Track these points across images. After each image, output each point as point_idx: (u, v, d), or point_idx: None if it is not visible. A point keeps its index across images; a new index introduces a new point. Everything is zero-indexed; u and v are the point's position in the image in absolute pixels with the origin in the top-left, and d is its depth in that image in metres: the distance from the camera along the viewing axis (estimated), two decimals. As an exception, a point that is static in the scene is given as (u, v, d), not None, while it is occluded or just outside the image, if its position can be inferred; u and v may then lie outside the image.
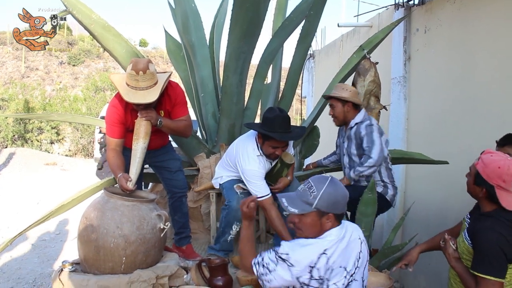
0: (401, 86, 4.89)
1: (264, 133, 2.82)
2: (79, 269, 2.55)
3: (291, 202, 1.77)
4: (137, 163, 2.69)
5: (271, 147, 2.86)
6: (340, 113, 3.32)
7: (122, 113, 2.74)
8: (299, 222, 1.77)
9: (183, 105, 2.91)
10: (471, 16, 3.82)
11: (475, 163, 2.02)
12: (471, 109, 3.79)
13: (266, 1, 2.99)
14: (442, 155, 3.70)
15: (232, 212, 2.99)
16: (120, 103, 2.74)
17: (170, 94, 2.83)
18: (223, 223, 3.07)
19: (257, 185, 2.89)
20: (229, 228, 3.04)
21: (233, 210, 2.98)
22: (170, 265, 2.52)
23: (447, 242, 2.14)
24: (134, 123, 2.72)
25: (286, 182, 3.12)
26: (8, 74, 23.91)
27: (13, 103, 17.79)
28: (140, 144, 2.68)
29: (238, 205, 2.94)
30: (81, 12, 3.14)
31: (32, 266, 5.53)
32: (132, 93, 2.55)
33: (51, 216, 3.31)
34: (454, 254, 2.09)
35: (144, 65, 2.55)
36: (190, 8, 3.81)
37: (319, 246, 1.71)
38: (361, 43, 4.09)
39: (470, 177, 2.06)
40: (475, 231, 1.97)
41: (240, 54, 3.25)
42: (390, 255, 2.60)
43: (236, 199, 3.00)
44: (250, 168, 2.91)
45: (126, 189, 2.59)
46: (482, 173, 1.96)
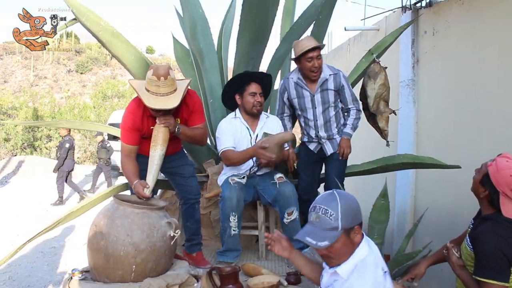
0: (409, 89, 4.85)
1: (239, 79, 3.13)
2: (88, 277, 2.52)
3: (317, 237, 1.61)
4: (154, 170, 2.67)
5: (250, 95, 3.11)
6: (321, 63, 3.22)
7: (139, 120, 2.71)
8: (329, 251, 1.63)
9: (200, 113, 2.90)
10: (480, 17, 3.79)
11: (488, 163, 1.97)
12: (482, 111, 3.74)
13: (275, 6, 2.98)
14: (452, 159, 3.65)
15: (226, 202, 2.97)
16: (137, 109, 2.71)
17: (187, 102, 2.81)
18: (222, 218, 3.05)
19: (221, 139, 3.17)
20: (228, 221, 3.00)
21: (227, 199, 2.97)
22: (181, 273, 2.49)
23: (450, 250, 2.10)
24: (150, 130, 2.70)
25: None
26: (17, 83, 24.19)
27: (22, 111, 17.96)
28: (158, 151, 2.65)
29: (230, 194, 2.97)
30: (90, 20, 3.15)
31: (42, 273, 5.53)
32: (153, 98, 2.53)
33: (60, 223, 3.32)
34: (458, 262, 2.06)
35: (165, 70, 2.52)
36: (198, 14, 3.80)
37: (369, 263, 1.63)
38: (368, 46, 4.06)
39: (479, 174, 2.01)
40: (475, 235, 1.93)
41: (249, 60, 3.24)
42: (404, 263, 2.55)
43: (228, 188, 3.00)
44: (220, 125, 3.24)
45: (143, 196, 2.57)
46: (491, 176, 1.91)
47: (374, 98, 3.45)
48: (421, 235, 4.49)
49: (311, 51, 3.06)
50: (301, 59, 3.10)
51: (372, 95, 3.45)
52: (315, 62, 3.09)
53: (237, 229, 3.03)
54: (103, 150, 11.46)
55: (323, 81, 3.22)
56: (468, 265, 2.00)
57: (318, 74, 3.16)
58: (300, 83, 3.22)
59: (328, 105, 3.28)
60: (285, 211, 3.03)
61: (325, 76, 3.22)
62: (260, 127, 3.24)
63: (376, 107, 3.48)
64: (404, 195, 4.88)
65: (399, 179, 4.98)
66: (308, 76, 3.16)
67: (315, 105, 3.26)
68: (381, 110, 3.48)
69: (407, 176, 4.84)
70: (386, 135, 3.51)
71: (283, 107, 3.39)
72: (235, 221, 3.00)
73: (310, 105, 3.25)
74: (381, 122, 3.50)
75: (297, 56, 3.10)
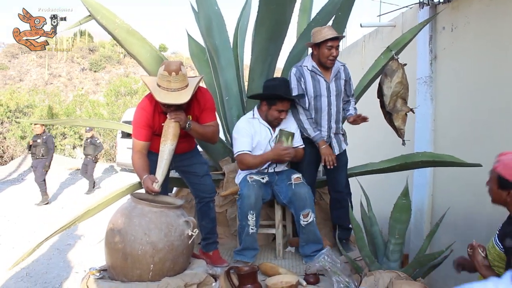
0: (427, 86, 4.77)
1: (269, 96, 3.05)
2: (106, 276, 2.52)
3: None
4: (164, 164, 2.64)
5: (276, 111, 3.06)
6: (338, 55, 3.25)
7: (150, 116, 2.71)
8: None
9: (211, 110, 2.89)
10: (501, 12, 3.70)
11: (494, 167, 1.93)
12: (502, 108, 3.66)
13: (292, 3, 2.94)
14: (470, 157, 3.58)
15: (245, 200, 2.95)
16: (149, 105, 2.72)
17: (199, 99, 2.80)
18: (240, 216, 3.04)
19: (239, 140, 3.11)
20: (246, 220, 2.97)
21: (245, 197, 2.95)
22: (198, 272, 2.47)
23: (475, 250, 2.02)
24: (161, 127, 2.68)
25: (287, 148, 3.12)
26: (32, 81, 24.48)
27: (37, 109, 18.15)
28: (168, 146, 2.63)
29: (248, 192, 2.95)
30: (105, 18, 3.14)
31: (58, 270, 5.58)
32: (164, 93, 2.53)
33: (77, 221, 3.34)
34: (483, 261, 1.99)
35: (177, 66, 2.53)
36: (214, 11, 3.77)
37: None
38: (385, 43, 4.00)
39: (492, 183, 1.96)
40: (506, 235, 1.88)
41: (267, 57, 3.20)
42: (426, 263, 2.50)
43: (247, 186, 2.98)
44: (238, 125, 3.17)
45: (152, 190, 2.54)
46: (504, 174, 1.87)
47: (390, 96, 3.38)
48: (437, 234, 4.40)
49: (332, 40, 3.08)
50: (321, 45, 3.10)
51: (388, 94, 3.39)
52: (333, 51, 3.12)
53: (255, 227, 3.01)
54: (91, 146, 11.09)
55: (337, 71, 3.28)
56: (496, 265, 1.94)
57: (333, 63, 3.20)
58: (315, 71, 3.20)
59: (341, 94, 3.33)
60: (300, 212, 2.99)
61: (338, 66, 3.28)
62: (280, 126, 3.19)
63: (393, 106, 3.42)
64: (422, 194, 4.81)
65: (417, 178, 4.91)
66: (324, 63, 3.17)
67: (330, 93, 3.25)
68: (398, 109, 3.41)
69: (425, 174, 4.77)
70: (402, 134, 3.45)
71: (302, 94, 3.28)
72: (253, 219, 2.97)
73: (325, 92, 3.23)
74: (397, 121, 3.43)
75: (317, 42, 3.09)
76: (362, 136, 6.20)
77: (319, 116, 3.25)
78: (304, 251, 3.08)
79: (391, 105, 3.41)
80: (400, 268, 2.51)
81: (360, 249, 2.57)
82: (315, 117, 3.26)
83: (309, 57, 3.25)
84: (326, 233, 3.71)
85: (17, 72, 25.39)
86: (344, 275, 2.50)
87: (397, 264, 2.54)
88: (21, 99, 18.46)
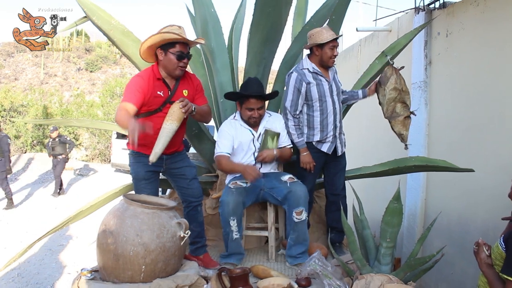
0: (422, 91, 4.80)
1: (238, 94, 3.14)
2: (97, 277, 2.51)
3: None
4: (164, 140, 2.61)
5: (247, 110, 3.12)
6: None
7: (146, 82, 2.71)
8: None
9: (203, 93, 3.04)
10: (495, 18, 3.73)
11: None
12: (495, 114, 3.69)
13: (288, 6, 2.95)
14: (464, 162, 3.60)
15: (225, 207, 2.96)
16: (145, 72, 2.76)
17: (191, 76, 2.95)
18: (222, 223, 3.04)
19: (218, 142, 3.20)
20: (229, 226, 2.98)
21: (225, 204, 2.96)
22: (190, 274, 2.47)
23: (480, 247, 2.07)
24: (156, 96, 2.72)
25: (270, 152, 3.17)
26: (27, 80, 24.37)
27: (32, 109, 18.08)
28: (173, 126, 2.61)
29: (227, 198, 2.95)
30: (101, 18, 3.14)
31: (50, 271, 5.56)
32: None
33: (70, 221, 3.32)
34: (486, 259, 2.03)
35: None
36: (210, 14, 3.78)
37: None
38: (380, 47, 4.01)
39: None
40: (508, 235, 1.91)
41: (261, 60, 3.21)
42: (417, 267, 2.51)
43: (226, 193, 3.00)
44: (221, 127, 3.26)
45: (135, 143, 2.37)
46: None
47: (386, 104, 3.39)
48: (430, 238, 4.44)
49: (334, 40, 3.15)
50: (324, 46, 3.15)
51: (384, 101, 3.40)
52: (335, 51, 3.19)
53: (239, 233, 3.03)
54: (61, 146, 10.67)
55: (333, 72, 3.37)
56: (497, 264, 1.97)
57: (334, 61, 3.28)
58: (317, 72, 3.23)
59: (340, 93, 3.42)
60: (293, 210, 2.99)
61: (333, 67, 3.37)
62: (263, 126, 3.24)
63: (391, 112, 3.42)
64: (415, 198, 4.83)
65: (410, 182, 4.93)
66: (326, 63, 3.22)
67: (332, 93, 3.29)
68: (397, 114, 3.42)
69: (418, 178, 4.79)
70: (403, 139, 3.45)
71: (297, 102, 3.24)
72: (235, 225, 2.98)
73: (328, 92, 3.26)
74: (396, 126, 3.43)
75: (321, 43, 3.13)
76: (356, 139, 6.23)
77: (326, 117, 3.27)
78: (291, 252, 3.07)
79: (389, 112, 3.42)
80: (391, 272, 2.51)
81: (352, 253, 2.57)
82: (321, 118, 3.27)
83: (307, 59, 3.26)
84: (319, 236, 3.72)
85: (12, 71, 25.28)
86: (335, 278, 2.51)
87: (389, 267, 2.54)
88: (15, 98, 18.39)
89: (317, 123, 3.27)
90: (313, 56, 3.23)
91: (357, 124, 6.22)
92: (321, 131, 3.28)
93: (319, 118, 3.26)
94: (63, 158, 10.72)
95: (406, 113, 3.37)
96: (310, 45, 3.22)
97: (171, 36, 2.66)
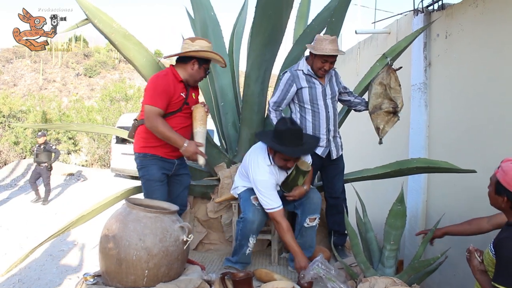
0: (421, 93, 4.79)
1: (273, 147, 2.81)
2: (100, 282, 2.50)
3: None
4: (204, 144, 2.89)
5: (282, 159, 2.83)
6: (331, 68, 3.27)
7: (171, 83, 2.83)
8: None
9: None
10: (494, 20, 3.73)
11: (495, 172, 1.98)
12: (495, 115, 3.68)
13: (289, 9, 2.95)
14: (464, 163, 3.60)
15: (248, 225, 2.92)
16: (169, 73, 2.86)
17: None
18: (239, 236, 2.99)
19: (268, 196, 2.83)
20: (246, 241, 2.96)
21: (249, 222, 2.91)
22: (193, 278, 2.46)
23: (472, 254, 2.08)
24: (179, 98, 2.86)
25: (301, 191, 2.99)
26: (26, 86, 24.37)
27: (31, 114, 18.06)
28: (205, 129, 2.91)
29: (253, 217, 2.90)
30: (102, 21, 3.14)
31: (51, 276, 5.53)
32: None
33: (71, 226, 3.31)
34: (479, 266, 2.03)
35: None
36: (209, 17, 3.79)
37: None
38: (379, 50, 4.02)
39: (491, 187, 2.00)
40: (498, 241, 1.90)
41: (262, 63, 3.20)
42: (421, 269, 2.50)
43: (252, 211, 2.93)
44: (261, 179, 2.86)
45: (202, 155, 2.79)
46: (502, 181, 1.90)
47: (371, 98, 3.44)
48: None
49: (330, 57, 3.10)
50: (316, 56, 3.11)
51: (370, 96, 3.45)
52: (326, 66, 3.14)
53: (252, 248, 3.01)
54: (45, 153, 10.27)
55: (331, 74, 3.34)
56: (490, 271, 1.96)
57: (323, 74, 3.23)
58: (311, 74, 3.22)
59: (336, 97, 3.37)
60: (308, 216, 2.98)
61: (331, 71, 3.33)
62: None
63: (376, 107, 3.43)
64: (416, 200, 4.82)
65: (411, 184, 4.92)
66: (315, 72, 3.20)
67: (326, 97, 3.26)
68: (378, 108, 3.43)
69: (419, 180, 4.78)
70: (380, 133, 3.46)
71: (281, 102, 3.26)
72: (253, 242, 2.98)
73: (321, 96, 3.24)
74: (375, 120, 3.44)
75: (315, 52, 3.10)
76: (357, 142, 6.22)
77: (317, 120, 3.26)
78: (292, 256, 3.05)
79: (373, 106, 3.43)
80: (395, 274, 2.51)
81: (355, 255, 2.56)
82: (313, 121, 3.26)
83: (304, 61, 3.26)
84: (321, 239, 3.71)
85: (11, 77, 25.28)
86: (339, 281, 2.50)
87: (392, 270, 2.53)
88: (14, 104, 18.37)
89: (309, 126, 3.27)
90: (310, 59, 3.24)
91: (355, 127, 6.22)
92: (313, 134, 3.27)
93: (311, 121, 3.26)
94: (46, 166, 10.29)
95: (389, 109, 3.37)
96: (308, 48, 3.22)
97: (217, 58, 2.91)
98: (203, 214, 3.73)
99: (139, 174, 2.97)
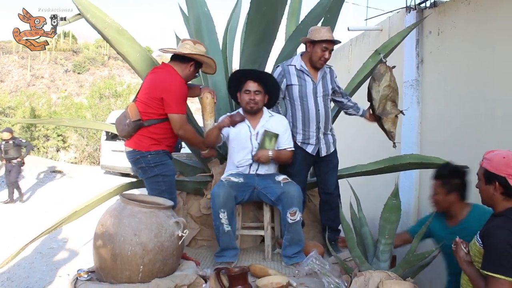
0: (414, 90, 4.83)
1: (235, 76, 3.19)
2: (94, 278, 2.48)
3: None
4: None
5: (245, 93, 3.15)
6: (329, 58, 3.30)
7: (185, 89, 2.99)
8: None
9: None
10: (487, 17, 3.76)
11: (480, 165, 2.04)
12: (487, 112, 3.72)
13: (283, 5, 2.95)
14: (456, 160, 3.62)
15: (214, 199, 2.96)
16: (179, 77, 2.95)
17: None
18: (213, 216, 3.01)
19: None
20: (218, 219, 2.96)
21: (215, 196, 2.96)
22: (189, 273, 2.45)
23: (458, 245, 2.12)
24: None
25: (264, 153, 3.12)
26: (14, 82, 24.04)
27: (19, 111, 17.84)
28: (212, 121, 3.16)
29: (218, 190, 2.96)
30: (95, 16, 3.11)
31: (41, 274, 5.48)
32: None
33: (63, 223, 3.28)
34: (465, 257, 2.07)
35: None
36: (203, 12, 3.76)
37: None
38: (371, 47, 4.03)
39: (480, 180, 2.05)
40: (485, 231, 1.94)
41: (256, 59, 3.20)
42: (415, 263, 2.52)
43: (217, 186, 3.01)
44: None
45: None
46: (489, 168, 1.96)
47: (379, 100, 3.41)
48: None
49: (329, 42, 3.11)
50: (316, 44, 3.12)
51: (377, 98, 3.42)
52: (326, 54, 3.15)
53: (230, 226, 2.99)
54: (15, 148, 9.90)
55: (324, 72, 3.32)
56: (476, 261, 2.00)
57: (323, 64, 3.24)
58: (303, 70, 3.22)
59: (328, 95, 3.35)
60: (287, 210, 2.99)
61: (324, 67, 3.32)
62: (262, 125, 3.22)
63: (382, 109, 3.45)
64: (408, 196, 4.85)
65: (403, 180, 4.95)
66: (315, 63, 3.20)
67: (316, 94, 3.26)
68: (387, 112, 3.44)
69: (411, 177, 4.81)
70: (392, 137, 3.48)
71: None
72: (225, 217, 2.95)
73: (311, 93, 3.24)
74: (387, 123, 3.46)
75: (314, 40, 3.11)
76: (350, 138, 6.24)
77: (307, 117, 3.26)
78: (287, 252, 3.07)
79: (381, 108, 3.44)
80: (390, 268, 2.52)
81: (350, 250, 2.57)
82: (302, 118, 3.27)
83: (298, 57, 3.26)
84: (315, 234, 3.72)
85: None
86: (333, 276, 2.51)
87: (387, 264, 2.55)
88: (2, 100, 18.14)
89: (299, 122, 3.29)
90: (306, 53, 3.23)
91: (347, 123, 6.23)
92: (303, 130, 3.29)
93: (301, 118, 3.28)
94: (18, 162, 9.96)
95: (396, 112, 3.39)
96: (304, 40, 3.21)
97: (213, 65, 3.06)
98: (196, 211, 3.71)
99: (152, 172, 2.95)
